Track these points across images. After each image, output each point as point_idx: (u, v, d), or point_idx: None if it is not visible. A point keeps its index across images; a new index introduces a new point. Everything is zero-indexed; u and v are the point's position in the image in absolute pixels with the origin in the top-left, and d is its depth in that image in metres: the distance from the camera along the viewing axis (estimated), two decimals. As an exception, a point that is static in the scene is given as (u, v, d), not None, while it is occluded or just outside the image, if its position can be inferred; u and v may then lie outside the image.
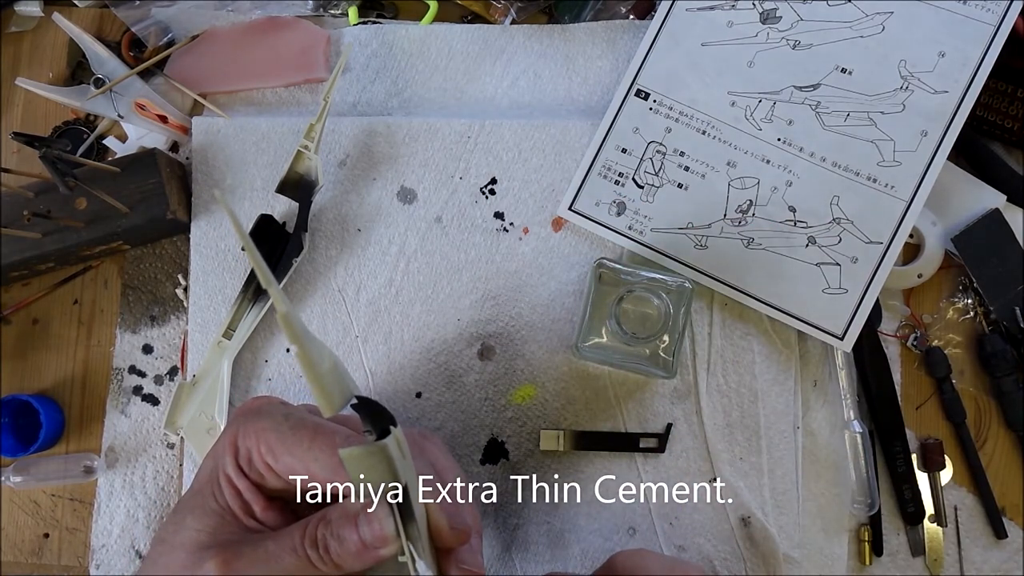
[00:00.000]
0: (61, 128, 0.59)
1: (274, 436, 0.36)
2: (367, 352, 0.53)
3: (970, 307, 0.54)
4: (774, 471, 0.50)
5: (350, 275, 0.54)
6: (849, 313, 0.50)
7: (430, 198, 0.54)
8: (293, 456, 0.35)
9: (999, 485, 0.52)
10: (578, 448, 0.51)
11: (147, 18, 0.58)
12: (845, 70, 0.52)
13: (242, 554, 0.33)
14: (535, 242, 0.53)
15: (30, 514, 0.54)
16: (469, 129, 0.55)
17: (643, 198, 0.52)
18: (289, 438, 0.36)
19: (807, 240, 0.51)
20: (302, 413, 0.38)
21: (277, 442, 0.36)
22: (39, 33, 0.61)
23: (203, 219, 0.55)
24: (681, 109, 0.53)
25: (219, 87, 0.58)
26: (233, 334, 0.52)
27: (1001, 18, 0.51)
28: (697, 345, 0.51)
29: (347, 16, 0.59)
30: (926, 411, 0.53)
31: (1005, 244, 0.53)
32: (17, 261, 0.53)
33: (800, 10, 0.53)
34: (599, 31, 0.57)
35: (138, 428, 0.54)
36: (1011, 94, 0.53)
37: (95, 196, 0.51)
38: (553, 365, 0.52)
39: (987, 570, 0.51)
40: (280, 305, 0.28)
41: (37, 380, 0.56)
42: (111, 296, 0.56)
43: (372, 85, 0.57)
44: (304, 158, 0.52)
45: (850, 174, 0.51)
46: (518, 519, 0.51)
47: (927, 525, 0.51)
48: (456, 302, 0.53)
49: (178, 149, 0.58)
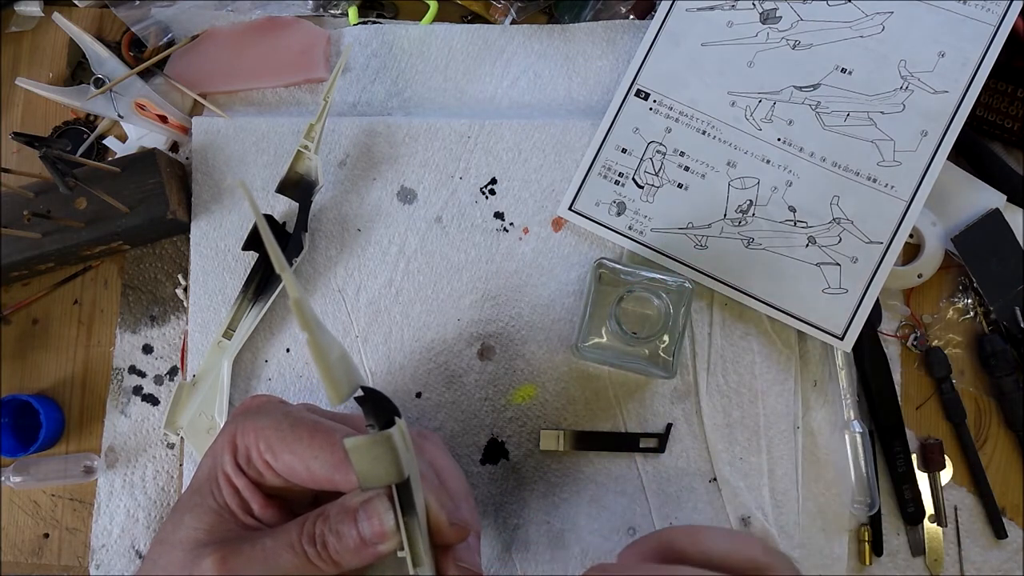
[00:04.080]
0: (61, 128, 0.59)
1: (273, 434, 0.36)
2: (367, 352, 0.53)
3: (970, 307, 0.54)
4: (774, 471, 0.50)
5: (350, 275, 0.54)
6: (849, 313, 0.50)
7: (430, 198, 0.54)
8: (293, 454, 0.35)
9: (999, 485, 0.52)
10: (578, 448, 0.51)
11: (147, 18, 0.58)
12: (845, 70, 0.52)
13: (240, 551, 0.33)
14: (535, 242, 0.53)
15: (30, 514, 0.54)
16: (469, 129, 0.55)
17: (643, 198, 0.52)
18: (289, 436, 0.36)
19: (807, 240, 0.51)
20: (301, 412, 0.38)
21: (276, 440, 0.36)
22: (39, 33, 0.61)
23: (203, 219, 0.55)
24: (681, 109, 0.53)
25: (219, 87, 0.58)
26: (233, 334, 0.52)
27: (1001, 18, 0.51)
28: (697, 345, 0.52)
29: (347, 16, 0.59)
30: (926, 411, 0.53)
31: (1005, 244, 0.53)
32: (17, 261, 0.53)
33: (800, 10, 0.53)
34: (599, 31, 0.57)
35: (138, 428, 0.54)
36: (1011, 94, 0.53)
37: (95, 196, 0.51)
38: (553, 365, 0.52)
39: (987, 570, 0.51)
40: (293, 291, 0.28)
41: (37, 380, 0.56)
42: (111, 296, 0.56)
43: (372, 85, 0.57)
44: (304, 158, 0.52)
45: (850, 174, 0.51)
46: (518, 519, 0.51)
47: (927, 525, 0.51)
48: (456, 302, 0.53)
49: (178, 149, 0.58)
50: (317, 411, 0.41)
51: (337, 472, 0.35)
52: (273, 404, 0.39)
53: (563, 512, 0.50)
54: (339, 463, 0.35)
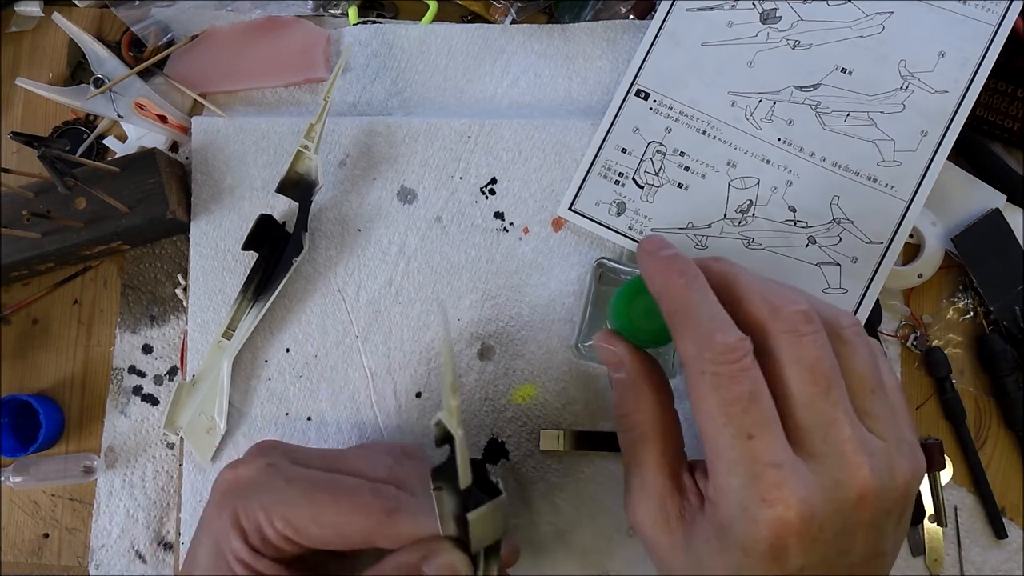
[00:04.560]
0: (61, 128, 0.59)
1: (289, 510, 0.34)
2: (367, 352, 0.53)
3: (970, 307, 0.54)
4: (774, 471, 0.50)
5: (350, 275, 0.54)
6: (849, 313, 0.50)
7: (430, 198, 0.54)
8: (320, 526, 0.34)
9: (999, 485, 0.52)
10: (578, 448, 0.51)
11: (147, 18, 0.58)
12: (845, 70, 0.52)
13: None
14: (535, 242, 0.53)
15: (30, 514, 0.54)
16: (469, 129, 0.55)
17: (643, 198, 0.52)
18: (306, 508, 0.34)
19: (807, 240, 0.51)
20: (299, 472, 0.36)
21: (295, 516, 0.34)
22: (39, 33, 0.61)
23: (203, 219, 0.55)
24: (681, 109, 0.53)
25: (219, 87, 0.58)
26: (233, 334, 0.52)
27: (1001, 18, 0.51)
28: (697, 345, 0.51)
29: (347, 16, 0.59)
30: (926, 411, 0.53)
31: (1005, 244, 0.53)
32: (17, 261, 0.53)
33: (800, 10, 0.53)
34: (599, 31, 0.57)
35: (138, 428, 0.54)
36: (1011, 94, 0.53)
37: (95, 196, 0.51)
38: (553, 365, 0.52)
39: (987, 570, 0.51)
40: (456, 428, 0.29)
41: (37, 380, 0.56)
42: (111, 296, 0.56)
43: (372, 85, 0.57)
44: (304, 158, 0.52)
45: (850, 174, 0.51)
46: (518, 519, 0.51)
47: (927, 525, 0.51)
48: (456, 302, 0.53)
49: (178, 149, 0.58)
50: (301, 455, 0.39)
51: (378, 536, 0.34)
52: (264, 473, 0.36)
53: (563, 512, 0.50)
54: (377, 526, 0.34)
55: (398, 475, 0.39)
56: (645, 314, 0.41)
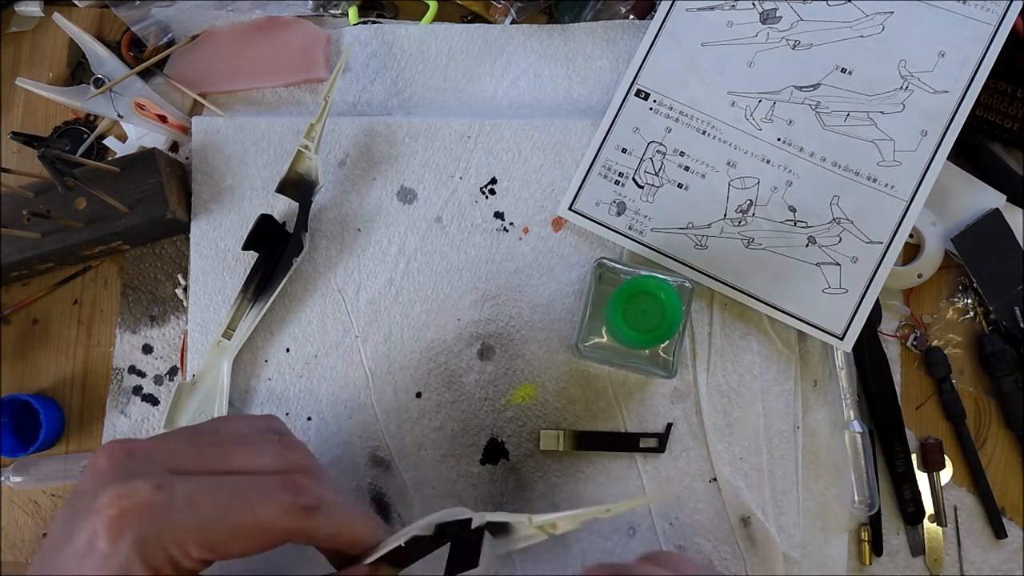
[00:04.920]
0: (61, 128, 0.59)
1: (202, 535, 0.32)
2: (367, 352, 0.53)
3: (970, 307, 0.54)
4: (774, 471, 0.50)
5: (350, 275, 0.54)
6: (849, 313, 0.50)
7: (430, 198, 0.54)
8: (239, 540, 0.32)
9: (999, 485, 0.52)
10: (578, 448, 0.51)
11: (147, 18, 0.58)
12: (845, 70, 0.52)
13: None
14: (535, 242, 0.53)
15: (30, 514, 0.54)
16: (469, 129, 0.55)
17: (643, 198, 0.52)
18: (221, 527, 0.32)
19: (807, 240, 0.51)
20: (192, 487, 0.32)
21: (210, 537, 0.32)
22: (39, 33, 0.61)
23: (203, 219, 0.55)
24: (681, 109, 0.53)
25: (219, 87, 0.58)
26: (233, 334, 0.52)
27: (1001, 18, 0.51)
28: (697, 345, 0.52)
29: (347, 16, 0.59)
30: (926, 411, 0.53)
31: (1005, 244, 0.53)
32: (17, 261, 0.53)
33: (800, 10, 0.53)
34: (599, 31, 0.57)
35: (138, 428, 0.54)
36: (1011, 94, 0.53)
37: (95, 196, 0.51)
38: (553, 365, 0.52)
39: (987, 570, 0.51)
40: None
41: (37, 380, 0.56)
42: (111, 296, 0.56)
43: (372, 85, 0.57)
44: (304, 158, 0.52)
45: (850, 174, 0.51)
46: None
47: (927, 525, 0.51)
48: (456, 302, 0.53)
49: (178, 149, 0.58)
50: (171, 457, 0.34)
51: (298, 535, 0.34)
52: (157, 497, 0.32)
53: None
54: (297, 526, 0.33)
55: (292, 461, 0.37)
56: (641, 315, 0.41)
